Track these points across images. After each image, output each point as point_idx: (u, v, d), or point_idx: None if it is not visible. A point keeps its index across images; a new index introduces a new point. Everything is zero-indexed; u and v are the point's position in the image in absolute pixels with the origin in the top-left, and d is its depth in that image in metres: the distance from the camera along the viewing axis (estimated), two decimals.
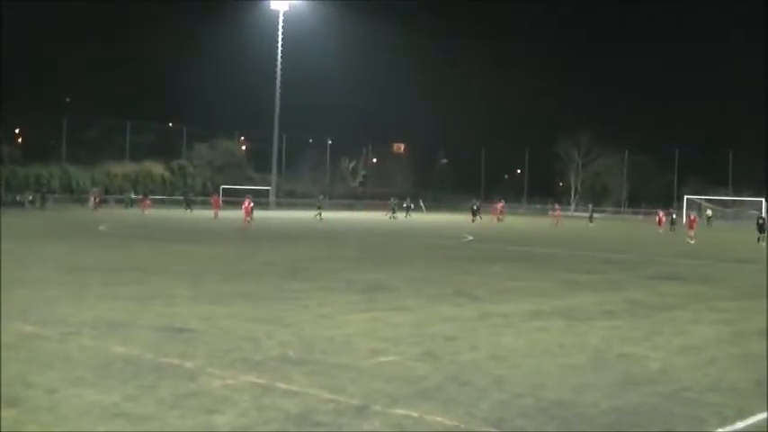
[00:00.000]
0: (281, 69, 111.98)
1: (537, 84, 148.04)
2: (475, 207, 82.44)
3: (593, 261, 33.73)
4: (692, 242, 50.17)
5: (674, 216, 71.86)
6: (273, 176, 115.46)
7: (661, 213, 71.65)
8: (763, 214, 63.87)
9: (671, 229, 65.72)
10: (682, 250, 42.16)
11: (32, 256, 28.29)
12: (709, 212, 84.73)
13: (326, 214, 72.83)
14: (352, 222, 67.90)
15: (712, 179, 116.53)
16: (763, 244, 47.90)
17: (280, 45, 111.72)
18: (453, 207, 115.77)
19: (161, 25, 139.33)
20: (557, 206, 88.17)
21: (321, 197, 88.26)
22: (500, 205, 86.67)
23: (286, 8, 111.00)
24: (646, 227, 77.81)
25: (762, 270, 31.47)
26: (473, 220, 76.29)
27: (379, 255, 34.34)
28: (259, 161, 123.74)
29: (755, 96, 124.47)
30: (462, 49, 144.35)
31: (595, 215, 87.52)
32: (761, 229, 50.91)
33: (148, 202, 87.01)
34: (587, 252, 39.00)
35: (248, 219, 55.95)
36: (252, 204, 59.23)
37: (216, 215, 67.83)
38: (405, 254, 35.29)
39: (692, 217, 57.97)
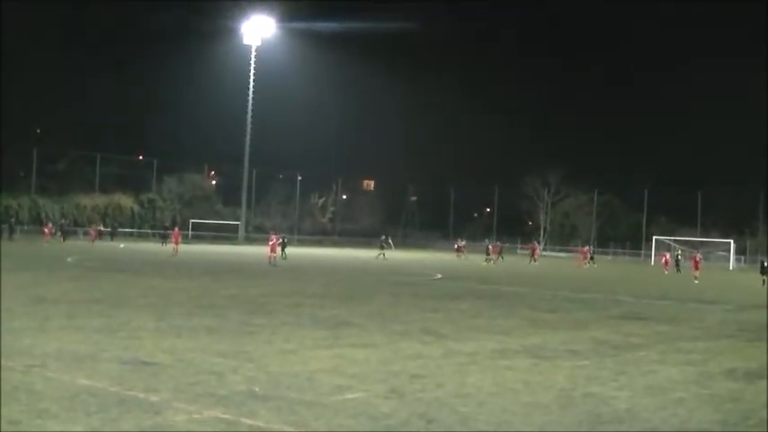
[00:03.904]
0: (253, 104, 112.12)
1: (507, 123, 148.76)
2: (491, 246, 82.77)
3: (559, 300, 33.80)
4: (697, 282, 51.93)
5: (675, 257, 73.11)
6: (243, 211, 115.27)
7: (667, 255, 73.13)
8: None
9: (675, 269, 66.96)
10: (664, 289, 42.35)
11: None
12: (679, 255, 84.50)
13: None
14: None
15: (681, 220, 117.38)
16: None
17: (251, 80, 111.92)
18: (422, 245, 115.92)
19: (132, 58, 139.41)
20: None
21: (383, 237, 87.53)
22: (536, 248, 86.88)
23: (258, 43, 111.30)
24: (638, 267, 78.23)
25: (727, 310, 31.71)
26: (486, 260, 76.27)
27: (346, 291, 34.25)
28: (228, 195, 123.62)
29: (725, 137, 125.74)
30: (432, 86, 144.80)
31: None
32: (764, 271, 51.52)
33: (93, 233, 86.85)
34: (553, 291, 39.03)
35: (273, 255, 54.46)
36: (278, 241, 57.80)
37: (176, 251, 63.13)
38: (371, 290, 35.20)
39: (697, 258, 58.55)
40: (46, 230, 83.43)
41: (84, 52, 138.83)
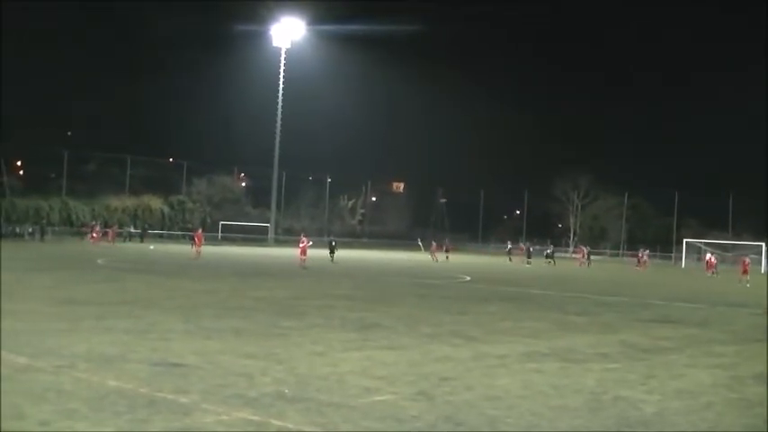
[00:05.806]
0: (282, 106, 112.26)
1: (537, 125, 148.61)
2: (531, 249, 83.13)
3: (588, 303, 33.64)
4: (748, 285, 52.44)
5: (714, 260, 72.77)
6: (272, 213, 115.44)
7: (712, 258, 72.66)
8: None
9: (715, 273, 66.45)
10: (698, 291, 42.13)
11: (28, 287, 28.20)
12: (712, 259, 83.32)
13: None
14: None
15: (711, 223, 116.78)
16: None
17: (281, 82, 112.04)
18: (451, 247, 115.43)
19: (163, 60, 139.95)
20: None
21: (447, 240, 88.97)
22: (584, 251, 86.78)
23: (288, 45, 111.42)
24: (670, 270, 77.85)
25: (758, 314, 31.45)
26: (528, 262, 76.57)
27: (374, 293, 34.23)
28: (257, 197, 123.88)
29: (756, 140, 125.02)
30: (463, 89, 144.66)
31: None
32: None
33: (111, 233, 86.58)
34: (581, 294, 38.88)
35: (304, 258, 53.36)
36: (309, 243, 56.22)
37: (198, 253, 60.45)
38: (400, 293, 35.16)
39: (746, 262, 58.61)
40: (94, 234, 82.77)
41: (115, 55, 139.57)
